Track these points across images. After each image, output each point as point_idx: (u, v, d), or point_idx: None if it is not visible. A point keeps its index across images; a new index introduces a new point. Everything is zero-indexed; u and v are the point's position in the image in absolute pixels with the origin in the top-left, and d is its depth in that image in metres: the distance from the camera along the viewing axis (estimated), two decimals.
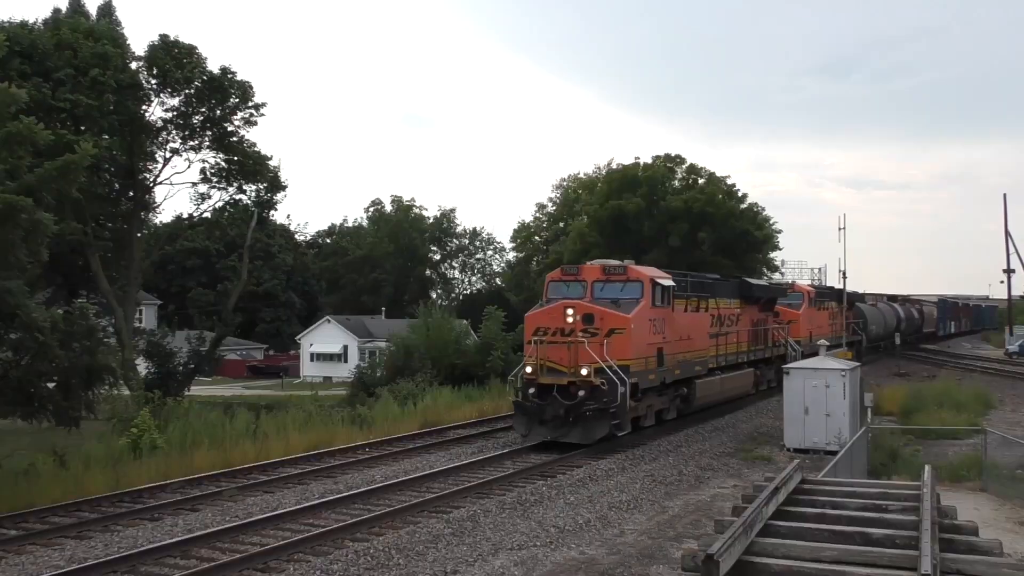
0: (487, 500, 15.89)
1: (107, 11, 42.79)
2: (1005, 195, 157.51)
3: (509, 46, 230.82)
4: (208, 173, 37.87)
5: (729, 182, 61.48)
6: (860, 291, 59.24)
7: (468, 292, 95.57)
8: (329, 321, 71.84)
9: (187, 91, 35.42)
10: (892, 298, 65.61)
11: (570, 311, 20.91)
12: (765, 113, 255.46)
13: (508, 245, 77.78)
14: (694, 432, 24.71)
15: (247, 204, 40.47)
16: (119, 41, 34.58)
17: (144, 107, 35.24)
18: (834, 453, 17.51)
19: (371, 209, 76.79)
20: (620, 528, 14.20)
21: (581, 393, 20.37)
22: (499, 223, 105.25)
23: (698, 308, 25.77)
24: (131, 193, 36.70)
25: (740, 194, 61.37)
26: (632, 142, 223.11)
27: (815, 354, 32.63)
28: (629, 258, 25.07)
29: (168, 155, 37.13)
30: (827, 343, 35.17)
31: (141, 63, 34.91)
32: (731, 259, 57.05)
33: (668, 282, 23.12)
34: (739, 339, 29.61)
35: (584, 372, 20.32)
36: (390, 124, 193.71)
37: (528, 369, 21.13)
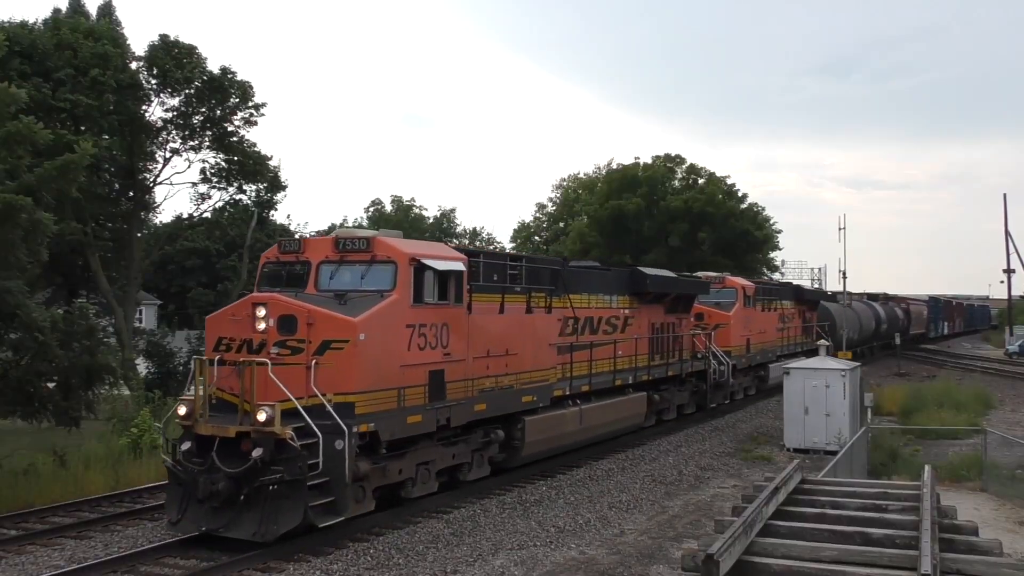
0: (487, 500, 15.90)
1: (107, 11, 42.73)
2: (1005, 195, 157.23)
3: (509, 46, 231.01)
4: (208, 173, 37.81)
5: (729, 182, 61.50)
6: (842, 289, 50.94)
7: None
8: None
9: (187, 91, 35.36)
10: (873, 296, 58.56)
11: (261, 311, 12.87)
12: (765, 113, 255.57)
13: (508, 245, 77.70)
14: (694, 432, 24.72)
15: (247, 204, 40.44)
16: (119, 41, 34.52)
17: (144, 107, 35.19)
18: (834, 453, 17.52)
19: (371, 209, 76.72)
20: (620, 528, 14.21)
21: (257, 453, 12.01)
22: (499, 223, 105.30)
23: (529, 308, 17.15)
24: (131, 193, 36.64)
25: (740, 194, 61.41)
26: (632, 142, 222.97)
27: (758, 367, 30.95)
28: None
29: (168, 155, 37.08)
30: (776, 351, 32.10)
31: (141, 63, 34.88)
32: (731, 259, 57.07)
33: (450, 265, 14.70)
34: (624, 351, 21.51)
35: (262, 417, 12.06)
36: (390, 124, 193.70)
37: (182, 410, 12.89)
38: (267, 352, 12.75)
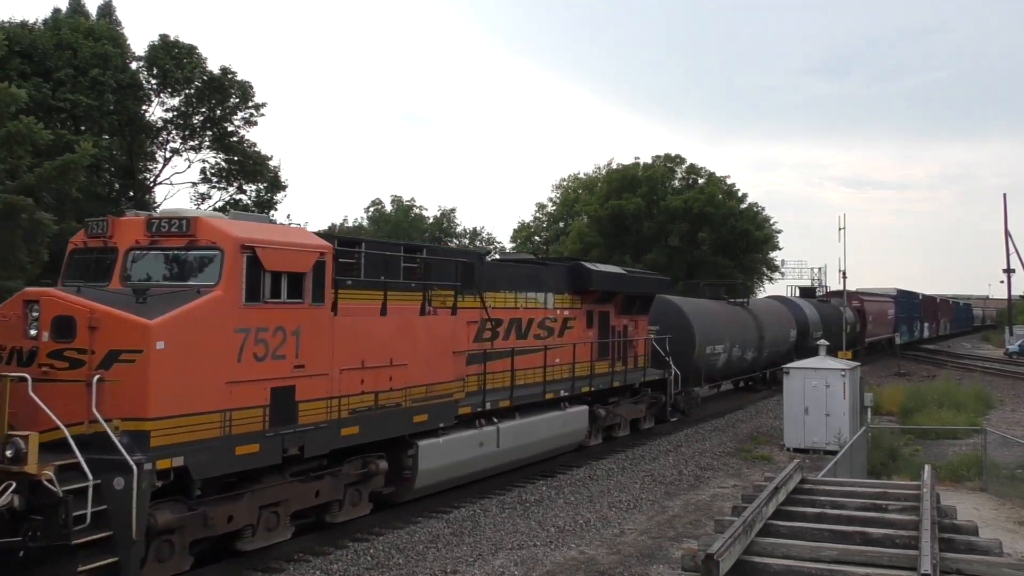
0: (487, 500, 15.90)
1: (107, 11, 42.69)
2: (1005, 195, 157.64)
3: (509, 46, 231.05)
4: (208, 173, 37.85)
5: (729, 182, 61.56)
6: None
7: None
8: None
9: (187, 91, 35.39)
10: (807, 291, 47.12)
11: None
12: (765, 113, 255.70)
13: (508, 245, 77.70)
14: (694, 432, 24.71)
15: (247, 204, 40.46)
16: (119, 41, 34.52)
17: (144, 107, 35.22)
18: (834, 453, 17.53)
19: (371, 209, 76.67)
20: (620, 528, 14.21)
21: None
22: (499, 223, 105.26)
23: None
24: (131, 193, 36.64)
25: (740, 194, 61.46)
26: (632, 142, 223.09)
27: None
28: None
29: (168, 155, 37.11)
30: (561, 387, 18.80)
31: (141, 63, 34.91)
32: (731, 259, 57.12)
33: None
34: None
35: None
36: (390, 124, 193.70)
37: None
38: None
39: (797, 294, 45.42)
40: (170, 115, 35.91)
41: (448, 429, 14.77)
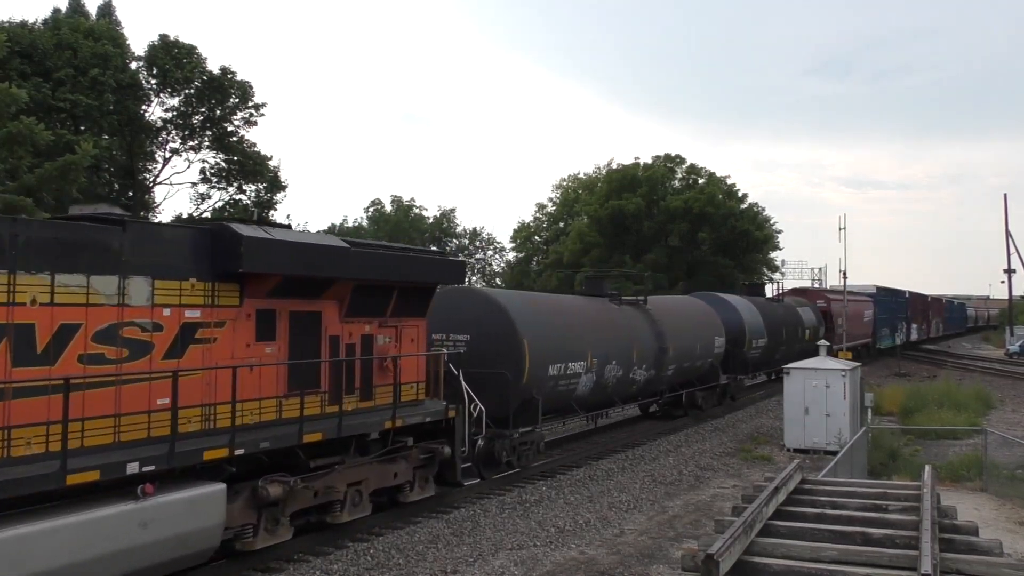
0: (487, 500, 15.90)
1: (107, 11, 42.75)
2: (1005, 195, 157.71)
3: (510, 46, 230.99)
4: (208, 173, 37.94)
5: (729, 182, 61.68)
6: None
7: None
8: None
9: (187, 91, 35.47)
10: (754, 287, 38.48)
11: None
12: (765, 113, 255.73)
13: (508, 245, 77.70)
14: (694, 432, 24.70)
15: (247, 204, 40.52)
16: (119, 41, 34.59)
17: (144, 107, 35.28)
18: (834, 453, 17.54)
19: (371, 209, 76.68)
20: (620, 528, 14.21)
21: None
22: (499, 223, 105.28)
23: None
24: (131, 193, 36.70)
25: (740, 194, 61.54)
26: (632, 142, 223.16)
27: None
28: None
29: (168, 155, 37.21)
30: None
31: (141, 63, 34.96)
32: (731, 259, 57.17)
33: None
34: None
35: None
36: (390, 124, 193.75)
37: None
38: None
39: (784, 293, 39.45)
40: (170, 115, 35.99)
41: None
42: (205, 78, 35.32)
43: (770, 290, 41.17)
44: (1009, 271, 67.42)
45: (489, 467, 17.01)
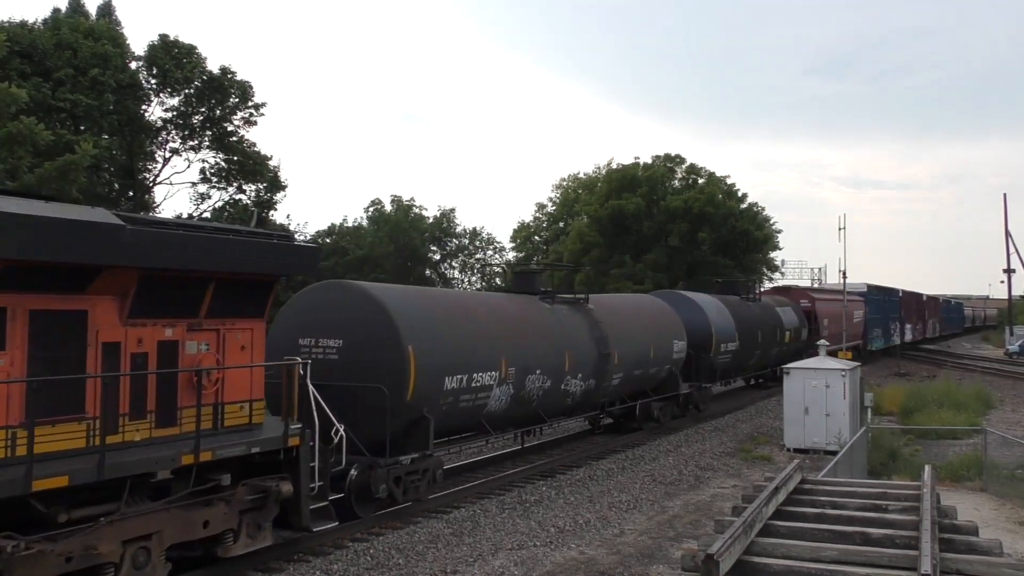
0: (487, 500, 15.91)
1: (107, 11, 42.75)
2: (1005, 195, 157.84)
3: (510, 46, 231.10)
4: (208, 173, 37.94)
5: (729, 182, 61.63)
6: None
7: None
8: None
9: (187, 91, 35.48)
10: (729, 285, 34.08)
11: None
12: (765, 113, 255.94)
13: (508, 245, 77.69)
14: (694, 432, 24.71)
15: (247, 204, 40.53)
16: (119, 41, 34.59)
17: (144, 107, 35.28)
18: (834, 453, 17.55)
19: (371, 209, 76.65)
20: (620, 528, 14.21)
21: None
22: (499, 223, 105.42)
23: None
24: (131, 193, 36.71)
25: (740, 194, 61.51)
26: (632, 142, 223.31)
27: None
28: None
29: (168, 155, 37.22)
30: None
31: (141, 63, 34.97)
32: (731, 259, 57.15)
33: None
34: None
35: None
36: (390, 124, 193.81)
37: None
38: None
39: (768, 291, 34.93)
40: (170, 115, 36.00)
41: None
42: (205, 78, 35.32)
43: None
44: (1009, 271, 67.51)
45: (364, 503, 13.93)
